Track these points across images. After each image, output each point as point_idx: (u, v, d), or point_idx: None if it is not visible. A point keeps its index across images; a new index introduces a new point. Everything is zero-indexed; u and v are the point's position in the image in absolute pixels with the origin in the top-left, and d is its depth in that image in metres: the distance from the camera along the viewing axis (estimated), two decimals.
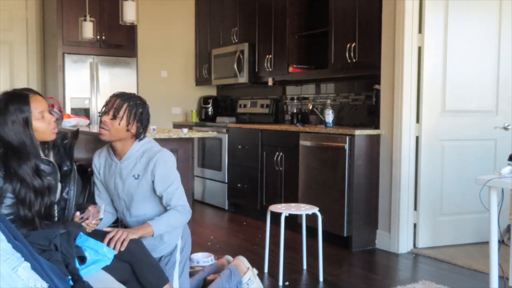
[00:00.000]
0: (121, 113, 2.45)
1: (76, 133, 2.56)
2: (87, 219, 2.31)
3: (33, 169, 2.10)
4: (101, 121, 2.48)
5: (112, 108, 2.47)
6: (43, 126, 2.19)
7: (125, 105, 2.47)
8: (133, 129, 2.50)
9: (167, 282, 2.34)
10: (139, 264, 2.27)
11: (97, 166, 2.68)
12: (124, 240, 2.25)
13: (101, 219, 2.34)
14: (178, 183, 2.56)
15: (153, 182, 2.51)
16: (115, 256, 2.17)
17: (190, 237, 2.73)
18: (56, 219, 2.26)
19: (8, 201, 2.07)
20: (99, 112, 2.54)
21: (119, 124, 2.45)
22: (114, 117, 2.45)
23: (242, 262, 2.96)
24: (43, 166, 2.19)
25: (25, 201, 2.07)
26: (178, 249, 2.61)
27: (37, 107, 2.17)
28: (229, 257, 3.22)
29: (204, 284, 2.93)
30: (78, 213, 2.37)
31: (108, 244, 2.21)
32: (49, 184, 2.15)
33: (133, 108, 2.48)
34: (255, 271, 2.97)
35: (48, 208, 2.14)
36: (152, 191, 2.54)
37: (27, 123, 2.12)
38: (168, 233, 2.54)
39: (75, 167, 2.41)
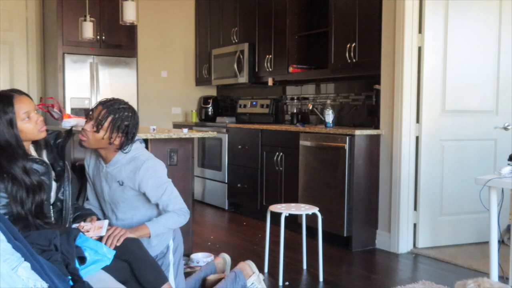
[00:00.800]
0: (104, 125, 2.36)
1: (69, 133, 2.53)
2: (87, 231, 2.30)
3: (22, 168, 2.10)
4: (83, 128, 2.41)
5: (95, 118, 2.38)
6: (30, 127, 2.19)
7: (109, 118, 2.37)
8: (117, 142, 2.41)
9: (166, 281, 2.33)
10: (137, 263, 2.27)
11: (88, 163, 2.65)
12: (121, 236, 2.25)
13: (101, 237, 2.32)
14: (171, 188, 2.52)
15: (144, 194, 2.47)
16: (114, 256, 2.17)
17: (181, 238, 2.70)
18: (52, 220, 2.25)
19: (3, 201, 2.07)
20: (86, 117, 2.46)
21: (102, 138, 2.38)
22: (97, 129, 2.36)
23: (248, 265, 2.95)
24: (36, 166, 2.19)
25: (17, 199, 2.07)
26: (171, 251, 2.58)
27: (22, 107, 2.16)
28: (225, 255, 3.21)
29: (203, 284, 2.93)
30: (82, 223, 2.37)
31: (105, 242, 2.21)
32: (39, 182, 2.14)
33: (117, 121, 2.37)
34: (262, 277, 2.97)
35: (39, 205, 2.14)
36: (138, 199, 2.50)
37: (11, 124, 2.12)
38: (157, 237, 2.49)
39: (68, 167, 2.38)
